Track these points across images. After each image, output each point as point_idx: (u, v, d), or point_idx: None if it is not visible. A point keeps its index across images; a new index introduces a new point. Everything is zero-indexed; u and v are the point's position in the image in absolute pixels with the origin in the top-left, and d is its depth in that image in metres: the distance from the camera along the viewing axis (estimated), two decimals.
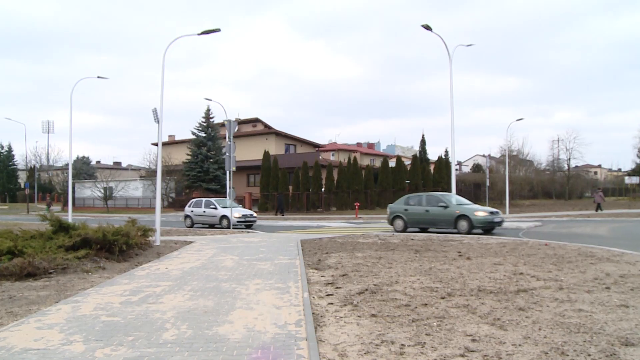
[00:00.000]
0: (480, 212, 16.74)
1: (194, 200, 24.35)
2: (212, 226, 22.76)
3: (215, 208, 22.52)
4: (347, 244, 13.38)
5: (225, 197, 27.15)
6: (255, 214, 23.14)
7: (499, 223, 17.03)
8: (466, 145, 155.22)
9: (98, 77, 24.41)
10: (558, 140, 57.56)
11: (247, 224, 22.07)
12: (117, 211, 45.28)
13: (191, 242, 14.23)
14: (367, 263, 9.45)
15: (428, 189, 38.21)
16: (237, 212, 21.96)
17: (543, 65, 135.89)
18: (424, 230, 18.21)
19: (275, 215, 35.93)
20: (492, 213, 16.88)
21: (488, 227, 16.67)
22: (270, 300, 6.16)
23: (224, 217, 21.92)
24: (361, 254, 10.86)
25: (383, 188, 38.03)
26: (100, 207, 48.82)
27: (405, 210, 18.28)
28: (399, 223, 18.32)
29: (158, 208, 14.35)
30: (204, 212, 22.85)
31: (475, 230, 16.57)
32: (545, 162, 60.89)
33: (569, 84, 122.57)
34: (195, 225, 23.12)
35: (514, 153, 50.02)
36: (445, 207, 17.21)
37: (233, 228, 21.06)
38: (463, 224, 16.58)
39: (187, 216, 23.58)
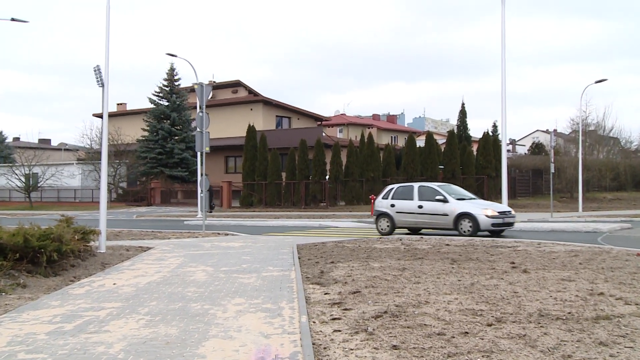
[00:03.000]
0: None
1: (395, 187, 19.63)
2: (415, 231, 19.04)
3: (445, 201, 17.93)
4: (360, 250, 13.44)
5: (444, 182, 25.76)
6: (513, 211, 19.10)
7: None
8: (523, 117, 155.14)
9: (12, 19, 24.10)
10: None
11: (501, 228, 18.00)
12: (45, 207, 45.55)
13: (149, 249, 14.30)
14: (387, 276, 9.48)
15: (469, 177, 38.27)
16: (488, 209, 17.85)
17: None
18: None
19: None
20: None
21: None
22: (256, 327, 6.19)
23: (463, 216, 17.46)
24: (378, 264, 10.90)
25: (408, 175, 38.00)
26: (21, 201, 49.12)
27: None
28: None
29: (103, 202, 14.33)
30: (420, 207, 18.29)
31: None
32: (638, 140, 60.65)
33: None
34: (396, 230, 18.87)
35: (591, 128, 49.64)
36: None
37: (478, 234, 17.38)
38: None
39: (382, 214, 18.97)
